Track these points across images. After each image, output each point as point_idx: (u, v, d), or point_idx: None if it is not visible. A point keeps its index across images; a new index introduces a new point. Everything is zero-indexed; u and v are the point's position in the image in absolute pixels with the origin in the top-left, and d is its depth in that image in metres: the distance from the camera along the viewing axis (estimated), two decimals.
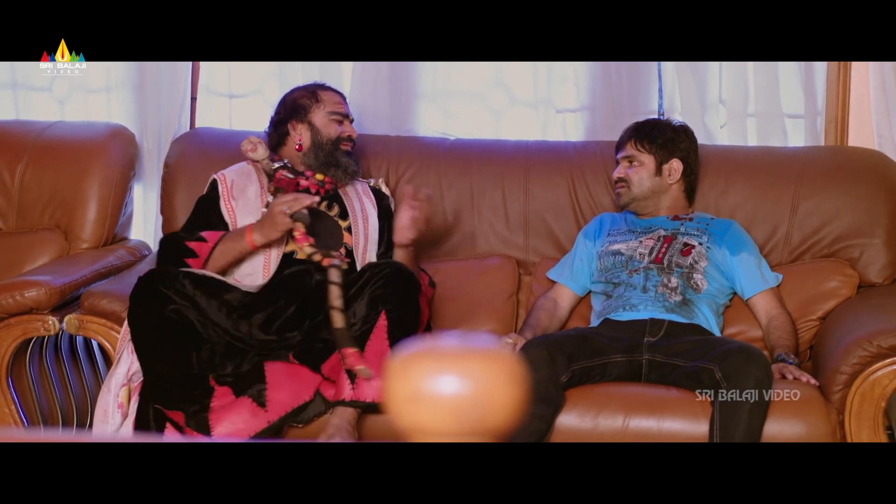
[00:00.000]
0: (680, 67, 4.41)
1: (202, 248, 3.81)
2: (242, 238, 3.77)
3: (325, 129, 4.00)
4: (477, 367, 0.97)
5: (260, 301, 3.70)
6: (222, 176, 4.02)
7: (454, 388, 0.96)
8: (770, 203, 4.17)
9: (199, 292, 3.62)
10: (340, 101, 4.07)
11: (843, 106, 4.33)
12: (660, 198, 4.07)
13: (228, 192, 3.96)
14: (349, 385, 3.46)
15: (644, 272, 3.91)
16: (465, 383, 0.96)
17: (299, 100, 4.05)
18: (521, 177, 4.33)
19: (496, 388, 0.97)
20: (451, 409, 0.96)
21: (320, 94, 4.05)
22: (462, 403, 0.96)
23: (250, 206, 3.94)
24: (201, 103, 4.75)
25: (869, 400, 3.45)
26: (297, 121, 4.02)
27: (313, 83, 4.16)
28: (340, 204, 4.02)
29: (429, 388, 0.96)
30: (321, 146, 3.99)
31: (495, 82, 4.59)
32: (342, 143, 4.01)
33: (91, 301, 3.82)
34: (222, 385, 3.52)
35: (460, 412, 0.96)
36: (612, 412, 3.49)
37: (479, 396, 0.96)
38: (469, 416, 0.96)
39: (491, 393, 0.97)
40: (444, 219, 4.31)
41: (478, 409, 0.96)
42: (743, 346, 3.50)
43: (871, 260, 4.07)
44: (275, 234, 3.73)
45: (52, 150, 4.49)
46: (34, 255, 4.37)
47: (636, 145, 4.06)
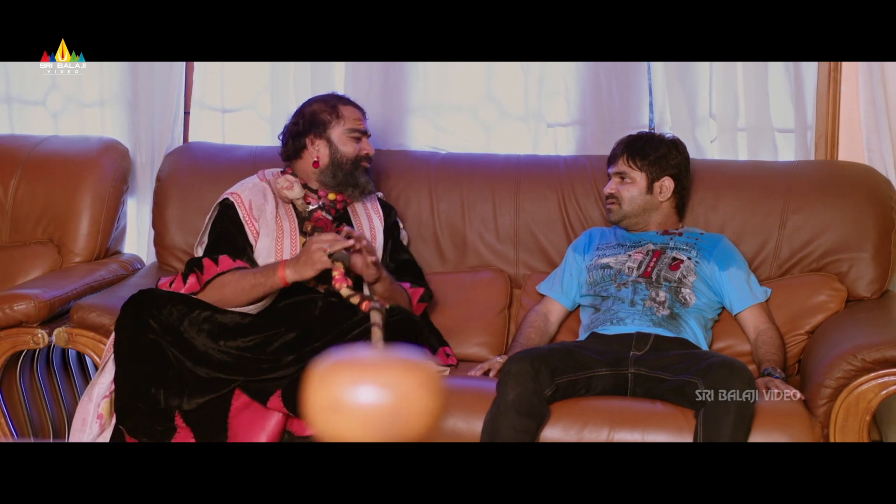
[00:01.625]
0: (670, 81, 4.41)
1: (211, 269, 3.77)
2: (275, 274, 3.68)
3: (343, 147, 3.92)
4: (395, 377, 0.98)
5: (257, 325, 3.67)
6: (237, 196, 3.91)
7: (372, 397, 0.97)
8: (759, 217, 4.17)
9: (188, 319, 3.56)
10: (360, 117, 3.98)
11: (833, 120, 4.34)
12: (650, 214, 4.08)
13: (249, 213, 3.88)
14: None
15: (632, 286, 3.91)
16: (382, 393, 0.97)
17: (319, 114, 3.95)
18: (511, 191, 4.34)
19: (414, 397, 0.98)
20: (368, 419, 0.97)
21: (340, 109, 3.96)
22: (379, 413, 0.97)
23: (268, 226, 3.88)
24: (194, 117, 4.77)
25: (854, 414, 3.46)
26: (316, 136, 3.94)
27: (333, 95, 4.06)
28: (349, 222, 4.00)
29: (347, 397, 0.97)
30: (340, 165, 3.92)
31: (486, 96, 4.61)
32: (361, 162, 3.96)
33: (80, 314, 3.84)
34: (187, 425, 3.48)
35: (378, 421, 0.97)
36: (596, 426, 3.50)
37: (396, 406, 0.97)
38: (387, 425, 0.97)
39: (408, 403, 0.98)
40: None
41: (395, 418, 0.97)
42: (726, 360, 3.51)
43: (860, 274, 4.07)
44: (310, 272, 3.65)
45: (46, 164, 4.52)
46: (27, 269, 4.39)
47: (628, 161, 4.06)
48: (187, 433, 3.47)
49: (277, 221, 3.88)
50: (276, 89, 4.65)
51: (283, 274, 3.67)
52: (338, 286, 3.57)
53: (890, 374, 3.46)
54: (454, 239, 4.37)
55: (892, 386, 3.47)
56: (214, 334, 3.55)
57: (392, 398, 0.97)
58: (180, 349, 3.51)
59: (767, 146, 4.41)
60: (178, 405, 3.47)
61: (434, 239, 4.38)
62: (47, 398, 4.12)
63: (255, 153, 4.40)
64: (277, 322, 3.70)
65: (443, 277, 4.32)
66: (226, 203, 3.90)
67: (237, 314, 3.68)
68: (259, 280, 3.71)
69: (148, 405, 3.47)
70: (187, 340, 3.53)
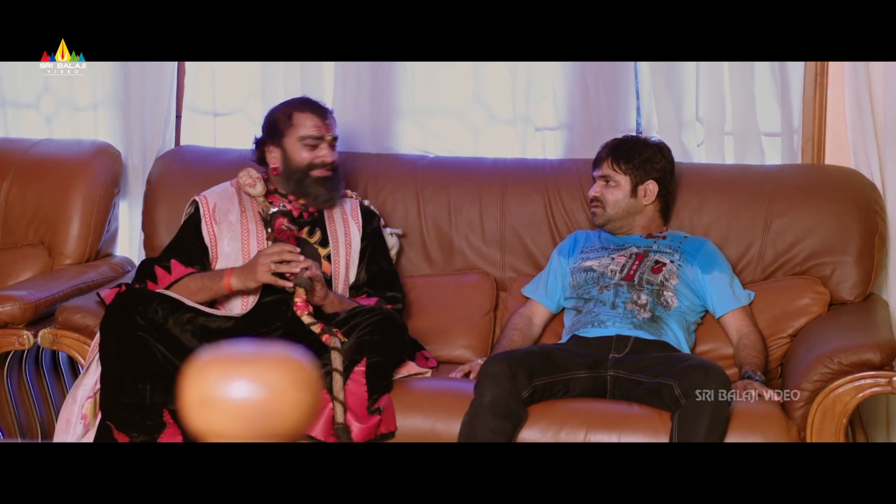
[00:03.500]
0: (657, 85, 4.42)
1: (164, 277, 3.83)
2: (221, 280, 3.75)
3: (295, 155, 3.92)
4: (267, 372, 1.00)
5: (241, 326, 3.72)
6: (204, 198, 3.99)
7: (243, 392, 0.99)
8: (743, 221, 4.18)
9: (172, 319, 3.64)
10: (318, 124, 3.93)
11: (819, 124, 4.34)
12: (634, 218, 4.09)
13: (211, 216, 3.95)
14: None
15: (614, 288, 3.92)
16: (253, 388, 0.99)
17: (276, 122, 3.96)
18: (498, 194, 4.36)
19: (285, 393, 1.00)
20: (239, 413, 0.99)
21: (295, 116, 3.93)
22: (251, 408, 0.99)
23: (232, 230, 3.94)
24: (186, 121, 4.80)
25: (830, 416, 3.46)
26: (273, 144, 3.96)
27: (296, 100, 4.06)
28: (323, 228, 4.02)
29: (218, 392, 0.99)
30: (292, 173, 3.94)
31: (474, 100, 4.62)
32: (313, 170, 3.93)
33: (65, 316, 3.87)
34: (174, 422, 3.53)
35: (249, 416, 0.99)
36: (573, 427, 3.53)
37: (268, 401, 0.99)
38: (258, 420, 0.99)
39: (280, 398, 1.00)
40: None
41: (267, 413, 0.99)
42: (702, 363, 3.53)
43: (843, 277, 4.07)
44: (252, 284, 3.72)
45: (38, 167, 4.55)
46: (17, 271, 4.42)
47: (612, 165, 4.06)
48: (175, 430, 3.51)
49: (243, 224, 3.92)
50: (266, 93, 4.67)
51: (229, 282, 3.74)
52: (299, 313, 3.68)
53: (866, 378, 3.47)
54: (441, 242, 4.39)
55: (868, 389, 3.48)
56: (198, 336, 3.61)
57: (264, 393, 0.99)
58: (167, 346, 3.57)
59: (754, 150, 4.41)
60: (162, 403, 3.51)
61: (421, 242, 4.39)
62: (36, 399, 4.16)
63: (245, 156, 4.42)
64: (260, 323, 3.74)
65: (429, 280, 4.34)
66: (194, 204, 3.99)
67: (221, 318, 3.72)
68: (206, 284, 3.78)
69: (135, 400, 3.51)
70: (175, 337, 3.60)
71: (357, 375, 3.57)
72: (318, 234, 3.98)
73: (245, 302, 3.82)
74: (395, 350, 3.72)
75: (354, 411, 3.52)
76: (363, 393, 3.55)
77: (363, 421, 3.52)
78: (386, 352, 3.65)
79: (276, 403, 0.99)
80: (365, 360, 3.58)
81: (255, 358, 1.01)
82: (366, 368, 3.57)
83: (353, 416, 3.51)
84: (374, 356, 3.60)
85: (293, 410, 1.00)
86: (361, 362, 3.58)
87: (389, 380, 3.68)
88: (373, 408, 3.55)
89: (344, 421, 3.49)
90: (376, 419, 3.54)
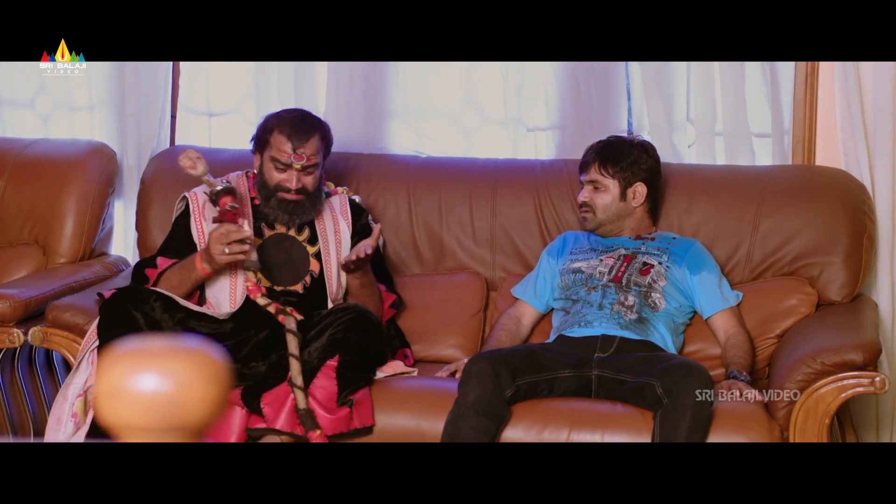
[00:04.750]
0: (648, 86, 4.43)
1: (153, 275, 3.87)
2: (195, 267, 3.79)
3: (266, 171, 3.92)
4: (174, 365, 1.02)
5: (230, 333, 3.75)
6: (193, 195, 4.01)
7: (150, 385, 1.01)
8: (732, 222, 4.19)
9: (167, 316, 3.68)
10: (287, 151, 3.85)
11: (810, 125, 4.34)
12: (624, 220, 4.09)
13: (200, 212, 3.97)
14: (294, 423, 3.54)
15: (602, 289, 3.94)
16: (160, 381, 1.01)
17: (262, 132, 3.95)
18: (488, 194, 4.37)
19: (191, 386, 1.02)
20: (146, 405, 1.01)
21: (274, 135, 3.89)
22: (157, 400, 1.01)
23: None
24: (181, 121, 4.83)
25: (813, 417, 3.48)
26: (257, 150, 3.98)
27: (286, 116, 3.98)
28: (311, 226, 4.04)
29: (126, 384, 1.01)
30: (262, 185, 3.95)
31: (465, 101, 4.64)
32: (279, 192, 3.90)
33: (55, 314, 3.90)
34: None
35: (156, 408, 1.01)
36: (557, 426, 3.55)
37: (174, 394, 1.01)
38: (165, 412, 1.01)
39: (187, 391, 1.02)
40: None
41: (173, 405, 1.01)
42: (684, 362, 3.55)
43: (831, 278, 4.08)
44: (216, 265, 3.75)
45: (33, 166, 4.58)
46: (12, 270, 4.46)
47: (600, 170, 4.05)
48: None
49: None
50: (260, 94, 4.69)
51: (201, 266, 3.78)
52: (252, 296, 3.75)
53: (849, 378, 3.48)
54: (431, 242, 4.41)
55: (851, 389, 3.49)
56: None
57: (170, 386, 1.01)
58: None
59: (745, 151, 4.42)
60: None
61: (412, 241, 4.42)
62: (28, 397, 4.19)
63: (239, 156, 4.45)
64: (247, 325, 3.77)
65: (419, 279, 4.36)
66: (184, 200, 4.02)
67: (212, 321, 3.75)
68: (184, 275, 3.82)
69: None
70: (172, 334, 3.63)
71: (328, 370, 3.59)
72: (307, 231, 4.01)
73: (233, 297, 3.85)
74: (370, 348, 3.73)
75: (324, 405, 3.55)
76: (333, 388, 3.58)
77: (332, 412, 3.54)
78: (359, 350, 3.67)
79: (183, 396, 1.01)
80: (338, 356, 3.61)
81: (163, 351, 1.03)
82: (337, 364, 3.60)
83: (323, 409, 3.53)
84: (346, 354, 3.62)
85: (200, 403, 1.02)
86: (334, 358, 3.60)
87: (364, 376, 3.69)
88: (344, 399, 3.57)
89: (307, 406, 3.51)
90: (346, 411, 3.56)
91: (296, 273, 3.95)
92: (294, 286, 3.94)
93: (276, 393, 3.58)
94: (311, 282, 3.96)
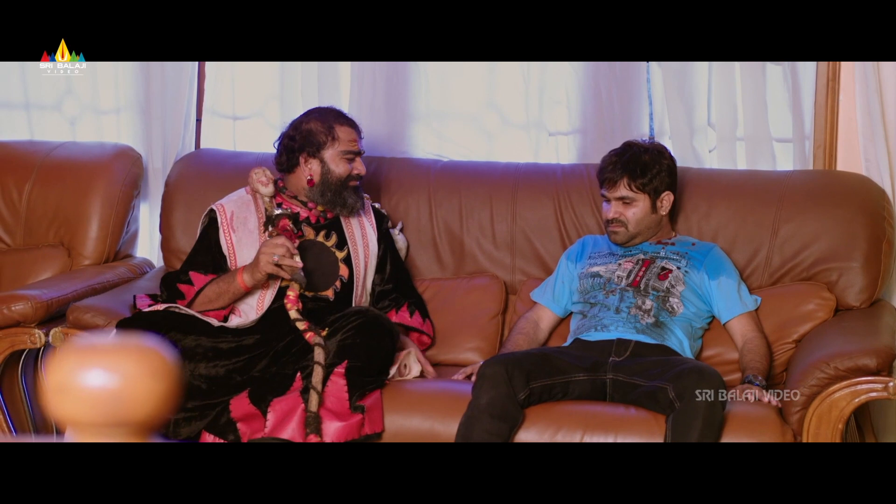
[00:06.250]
0: (669, 90, 4.43)
1: (189, 291, 3.92)
2: (235, 280, 3.84)
3: (335, 168, 3.99)
4: (122, 362, 1.05)
5: (253, 345, 3.78)
6: (221, 207, 4.05)
7: (97, 380, 1.04)
8: (751, 226, 4.18)
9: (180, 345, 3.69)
10: (355, 138, 4.03)
11: (831, 130, 4.33)
12: (652, 229, 4.08)
13: (228, 224, 4.01)
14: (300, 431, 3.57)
15: (620, 293, 3.94)
16: (107, 376, 1.04)
17: (316, 134, 4.00)
18: (508, 198, 4.39)
19: (138, 382, 1.04)
20: (93, 401, 1.04)
21: (337, 130, 4.00)
22: (104, 395, 1.04)
23: (251, 237, 4.00)
24: (206, 125, 4.87)
25: (826, 422, 3.47)
26: (310, 155, 4.00)
27: (331, 111, 4.10)
28: (339, 231, 4.08)
29: (74, 380, 1.04)
30: (329, 185, 4.00)
31: (487, 104, 4.65)
32: (350, 181, 4.02)
33: (76, 315, 3.95)
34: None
35: (102, 404, 1.04)
36: (570, 429, 3.56)
37: (121, 389, 1.04)
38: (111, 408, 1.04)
39: (132, 387, 1.04)
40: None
41: (120, 401, 1.04)
42: (697, 366, 3.55)
43: (849, 283, 4.07)
44: (259, 276, 3.80)
45: (59, 169, 4.64)
46: (37, 271, 4.51)
47: (630, 186, 3.99)
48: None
49: (261, 231, 3.96)
50: (284, 97, 4.73)
51: (242, 279, 3.83)
52: (289, 306, 3.82)
53: (862, 383, 3.47)
54: (452, 245, 4.43)
55: (864, 394, 3.48)
56: (210, 357, 3.68)
57: (117, 382, 1.04)
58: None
59: (766, 156, 4.41)
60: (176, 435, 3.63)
61: (433, 245, 4.44)
62: None
63: (262, 160, 4.48)
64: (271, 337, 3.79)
65: (440, 283, 4.38)
66: (210, 214, 4.05)
67: (230, 338, 3.77)
68: (222, 287, 3.88)
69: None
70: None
71: (337, 377, 3.62)
72: (335, 237, 4.04)
73: (261, 303, 3.88)
74: (380, 352, 3.75)
75: (335, 411, 3.57)
76: (343, 393, 3.60)
77: (344, 419, 3.56)
78: (368, 355, 3.69)
79: (128, 392, 1.04)
80: (346, 362, 3.63)
81: (109, 348, 1.05)
82: (346, 370, 3.62)
83: (334, 416, 3.56)
84: (355, 360, 3.64)
85: (145, 399, 1.05)
86: (342, 364, 3.63)
87: (374, 380, 3.71)
88: (355, 405, 3.59)
89: (316, 411, 3.54)
90: (358, 418, 3.58)
91: (326, 278, 3.99)
92: (325, 291, 3.98)
93: (286, 401, 3.61)
94: (340, 287, 4.00)
